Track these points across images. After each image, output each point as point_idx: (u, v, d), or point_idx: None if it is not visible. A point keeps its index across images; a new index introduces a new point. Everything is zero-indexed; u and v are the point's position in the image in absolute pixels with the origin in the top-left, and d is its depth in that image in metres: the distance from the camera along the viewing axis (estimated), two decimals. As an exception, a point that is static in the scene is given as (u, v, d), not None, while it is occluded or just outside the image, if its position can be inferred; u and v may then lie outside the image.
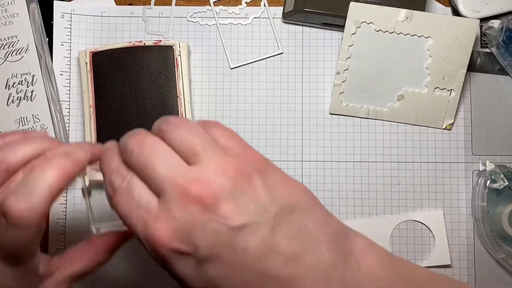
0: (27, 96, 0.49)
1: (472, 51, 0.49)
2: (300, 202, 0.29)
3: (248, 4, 0.52)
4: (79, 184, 0.41)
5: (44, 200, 0.28)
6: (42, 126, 0.49)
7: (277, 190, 0.28)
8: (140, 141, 0.29)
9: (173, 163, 0.28)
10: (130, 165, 0.29)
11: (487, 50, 0.51)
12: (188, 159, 0.28)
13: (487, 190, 0.49)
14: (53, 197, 0.29)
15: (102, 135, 0.48)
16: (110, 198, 0.30)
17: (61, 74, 0.51)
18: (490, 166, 0.49)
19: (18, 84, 0.49)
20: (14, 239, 0.29)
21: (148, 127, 0.30)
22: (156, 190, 0.28)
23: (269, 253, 0.26)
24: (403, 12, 0.48)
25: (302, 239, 0.27)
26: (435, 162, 0.51)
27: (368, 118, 0.51)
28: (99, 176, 0.32)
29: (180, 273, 0.27)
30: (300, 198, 0.29)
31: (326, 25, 0.51)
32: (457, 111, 0.50)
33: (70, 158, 0.29)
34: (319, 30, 0.52)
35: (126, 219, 0.28)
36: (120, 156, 0.30)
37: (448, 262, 0.49)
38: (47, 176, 0.28)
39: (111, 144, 0.31)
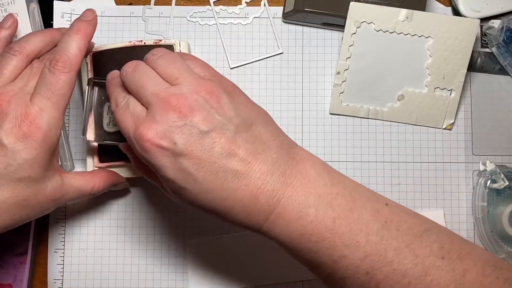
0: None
1: (472, 51, 0.49)
2: (259, 118, 0.36)
3: (248, 4, 0.52)
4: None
5: (78, 51, 0.39)
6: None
7: (240, 108, 0.36)
8: (133, 66, 0.37)
9: (157, 83, 0.36)
10: (126, 86, 0.37)
11: (487, 50, 0.51)
12: (169, 81, 0.36)
13: (487, 190, 0.49)
14: (82, 51, 0.39)
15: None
16: (112, 112, 0.38)
17: (61, 74, 0.51)
18: (490, 166, 0.49)
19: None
20: (65, 80, 0.38)
21: None
22: (146, 104, 0.36)
23: (230, 152, 0.34)
24: (403, 12, 0.48)
25: (256, 143, 0.35)
26: (435, 162, 0.51)
27: (368, 118, 0.51)
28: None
29: (160, 164, 0.34)
30: (258, 116, 0.36)
31: (326, 25, 0.51)
32: (457, 111, 0.50)
33: (84, 25, 0.40)
34: (319, 30, 0.52)
35: (122, 123, 0.36)
36: (122, 83, 0.38)
37: (448, 262, 0.49)
38: (73, 38, 0.39)
39: (115, 73, 0.39)
